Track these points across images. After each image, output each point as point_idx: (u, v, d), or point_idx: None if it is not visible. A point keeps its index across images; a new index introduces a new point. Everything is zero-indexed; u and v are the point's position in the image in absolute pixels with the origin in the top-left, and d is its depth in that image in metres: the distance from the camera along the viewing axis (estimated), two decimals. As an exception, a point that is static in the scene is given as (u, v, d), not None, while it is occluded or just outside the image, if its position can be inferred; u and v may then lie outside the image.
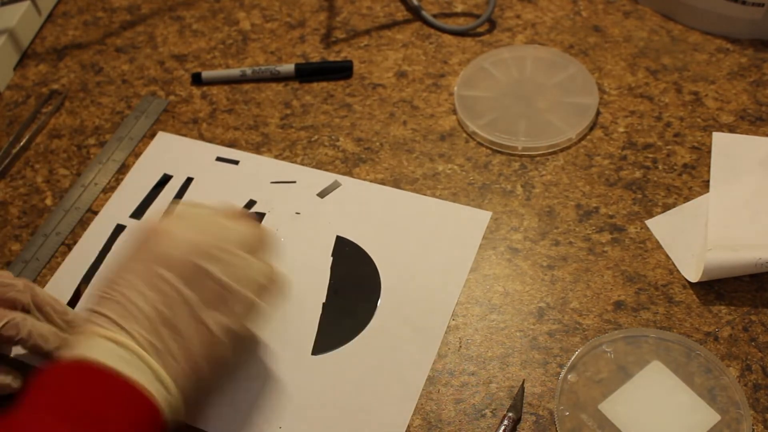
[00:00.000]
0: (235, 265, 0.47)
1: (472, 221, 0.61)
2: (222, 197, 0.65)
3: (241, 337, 0.48)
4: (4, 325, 0.50)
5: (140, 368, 0.43)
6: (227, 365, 0.48)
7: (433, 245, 0.60)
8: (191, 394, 0.46)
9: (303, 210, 0.64)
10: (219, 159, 0.68)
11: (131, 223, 0.64)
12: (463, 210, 0.62)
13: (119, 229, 0.64)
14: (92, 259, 0.62)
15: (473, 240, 0.60)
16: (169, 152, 0.69)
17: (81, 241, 0.64)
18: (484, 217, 0.61)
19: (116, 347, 0.43)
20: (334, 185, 0.60)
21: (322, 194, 0.61)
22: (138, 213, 0.65)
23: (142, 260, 0.46)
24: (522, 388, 0.53)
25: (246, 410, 0.53)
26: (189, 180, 0.67)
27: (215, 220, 0.49)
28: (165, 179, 0.67)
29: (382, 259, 0.60)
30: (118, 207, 0.66)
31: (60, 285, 0.61)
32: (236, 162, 0.68)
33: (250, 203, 0.65)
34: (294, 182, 0.65)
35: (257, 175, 0.67)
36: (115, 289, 0.46)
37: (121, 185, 0.67)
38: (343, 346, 0.56)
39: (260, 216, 0.64)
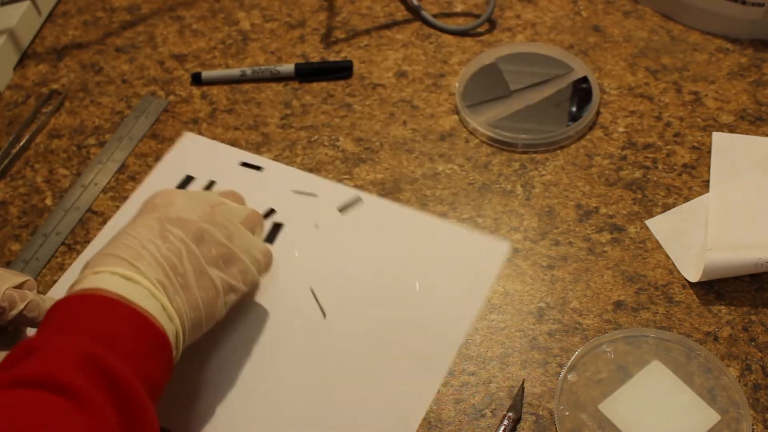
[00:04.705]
0: (237, 236, 0.52)
1: (489, 251, 0.59)
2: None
3: (235, 299, 0.51)
4: (26, 306, 0.52)
5: (150, 301, 0.45)
6: (216, 322, 0.51)
7: (447, 273, 0.59)
8: (187, 341, 0.48)
9: (322, 224, 0.62)
10: (243, 164, 0.67)
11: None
12: (481, 239, 0.60)
13: None
14: None
15: (489, 272, 0.58)
16: (194, 153, 0.68)
17: (97, 238, 0.63)
18: (502, 248, 0.60)
19: (127, 282, 0.45)
20: (356, 201, 0.59)
21: (342, 209, 0.60)
22: None
23: (154, 218, 0.50)
24: (522, 388, 0.53)
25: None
26: (211, 183, 0.66)
27: (219, 200, 0.54)
28: (187, 180, 0.67)
29: (394, 280, 0.59)
30: (139, 205, 0.65)
31: (69, 283, 0.61)
32: (260, 168, 0.67)
33: (270, 212, 0.63)
34: (315, 195, 0.64)
35: (280, 183, 0.65)
36: (125, 238, 0.48)
37: (144, 183, 0.67)
38: (341, 370, 0.55)
39: (278, 227, 0.63)
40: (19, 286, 0.54)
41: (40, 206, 0.67)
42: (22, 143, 0.71)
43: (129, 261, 0.46)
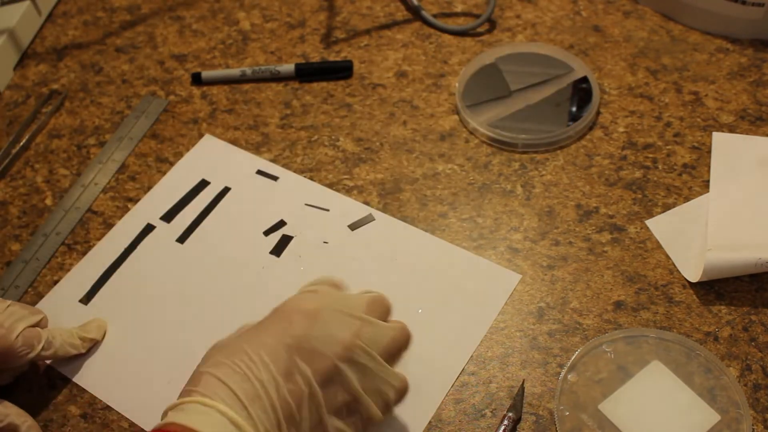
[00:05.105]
0: (373, 376, 0.46)
1: (499, 282, 0.58)
2: (255, 212, 0.64)
3: None
4: (42, 347, 0.53)
5: None
6: None
7: (453, 300, 0.57)
8: None
9: (331, 240, 0.62)
10: (259, 172, 0.67)
11: (161, 225, 0.64)
12: (492, 268, 0.59)
13: (149, 228, 0.64)
14: (116, 255, 0.62)
15: (496, 302, 0.57)
16: (211, 157, 0.68)
17: (101, 242, 0.64)
18: (512, 279, 0.58)
19: (233, 429, 0.41)
20: (368, 219, 0.58)
21: (353, 226, 0.59)
22: (169, 216, 0.65)
23: (284, 345, 0.44)
24: (522, 388, 0.53)
25: None
26: (226, 189, 0.66)
27: (367, 319, 0.47)
28: (202, 185, 0.67)
29: (397, 302, 0.56)
30: (151, 205, 0.65)
31: (79, 278, 0.62)
32: (275, 178, 0.66)
33: (281, 224, 0.63)
34: (327, 210, 0.64)
35: (293, 194, 0.65)
36: (246, 363, 0.43)
37: (159, 184, 0.67)
38: None
39: (287, 239, 0.62)
40: (35, 324, 0.54)
41: (40, 206, 0.67)
42: (22, 143, 0.71)
43: (243, 402, 0.41)
